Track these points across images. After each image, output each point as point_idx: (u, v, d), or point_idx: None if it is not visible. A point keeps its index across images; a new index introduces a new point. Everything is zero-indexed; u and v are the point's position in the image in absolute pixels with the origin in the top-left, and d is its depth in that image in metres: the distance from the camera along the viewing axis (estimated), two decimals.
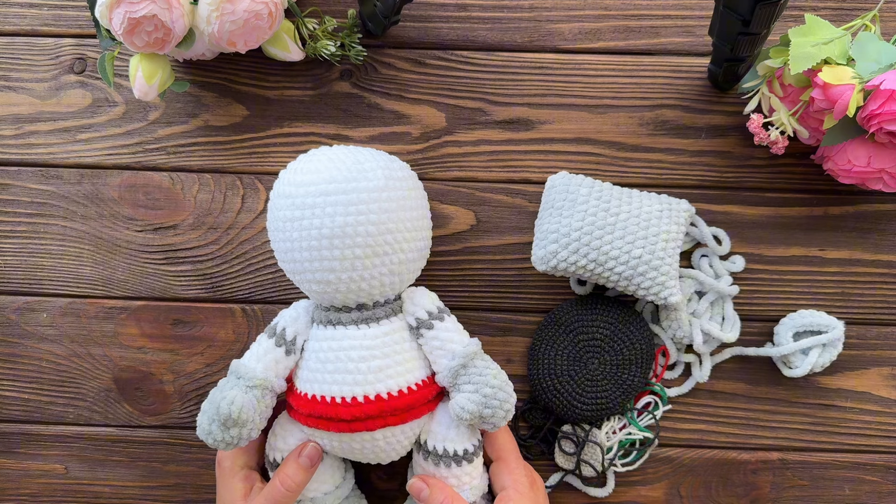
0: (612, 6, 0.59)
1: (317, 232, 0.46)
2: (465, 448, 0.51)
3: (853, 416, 0.59)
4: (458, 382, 0.50)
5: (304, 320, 0.52)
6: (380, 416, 0.48)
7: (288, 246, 0.48)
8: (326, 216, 0.46)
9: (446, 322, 0.51)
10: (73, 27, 0.60)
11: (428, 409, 0.51)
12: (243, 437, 0.48)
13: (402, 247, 0.49)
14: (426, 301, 0.52)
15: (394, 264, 0.49)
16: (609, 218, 0.53)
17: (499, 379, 0.50)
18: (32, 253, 0.60)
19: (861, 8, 0.58)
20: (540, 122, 0.59)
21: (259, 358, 0.50)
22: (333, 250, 0.47)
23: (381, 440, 0.49)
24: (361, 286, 0.48)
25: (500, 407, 0.49)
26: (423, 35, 0.60)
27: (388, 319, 0.50)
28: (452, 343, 0.51)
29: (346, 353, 0.49)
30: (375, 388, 0.48)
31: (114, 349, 0.60)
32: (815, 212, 0.59)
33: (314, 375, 0.49)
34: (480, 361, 0.50)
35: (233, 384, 0.49)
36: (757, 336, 0.59)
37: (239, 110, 0.60)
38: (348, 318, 0.50)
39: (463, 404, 0.49)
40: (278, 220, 0.49)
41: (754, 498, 0.59)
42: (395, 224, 0.48)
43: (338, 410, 0.48)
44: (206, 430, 0.48)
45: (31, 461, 0.60)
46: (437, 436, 0.51)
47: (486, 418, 0.49)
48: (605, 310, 0.57)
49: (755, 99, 0.54)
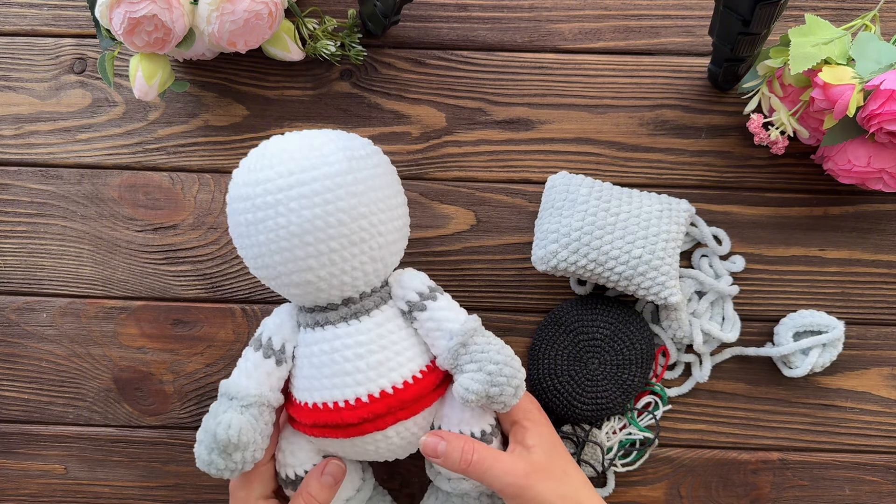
0: (612, 6, 0.59)
1: (284, 231, 0.42)
2: (483, 429, 0.48)
3: (853, 416, 0.59)
4: (459, 363, 0.46)
5: (289, 325, 0.48)
6: (389, 413, 0.45)
7: (256, 251, 0.44)
8: (291, 212, 0.42)
9: (439, 301, 0.48)
10: (73, 27, 0.60)
11: (438, 394, 0.48)
12: (247, 460, 0.45)
13: (378, 230, 0.45)
14: (415, 282, 0.48)
15: (374, 250, 0.45)
16: (609, 218, 0.53)
17: (503, 354, 0.46)
18: (32, 253, 0.60)
19: (861, 8, 0.58)
20: (540, 122, 0.59)
21: (249, 374, 0.47)
22: (307, 247, 0.43)
23: (394, 437, 0.46)
24: (344, 280, 0.44)
25: (508, 384, 0.45)
26: (423, 35, 0.60)
27: (379, 309, 0.47)
28: (448, 322, 0.47)
29: (341, 354, 0.45)
30: (378, 384, 0.45)
31: (113, 349, 0.60)
32: (815, 212, 0.59)
33: (311, 383, 0.46)
34: (481, 338, 0.47)
35: (226, 406, 0.46)
36: (757, 336, 0.59)
37: (239, 110, 0.60)
38: (336, 316, 0.46)
39: (467, 385, 0.45)
40: (240, 226, 0.44)
41: (754, 498, 0.59)
42: (367, 207, 0.44)
43: (343, 415, 0.45)
44: (207, 460, 0.45)
45: (31, 461, 0.60)
46: (451, 420, 0.48)
47: (493, 397, 0.45)
48: (605, 310, 0.57)
49: (755, 99, 0.54)
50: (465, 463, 0.46)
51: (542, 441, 0.48)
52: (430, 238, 0.59)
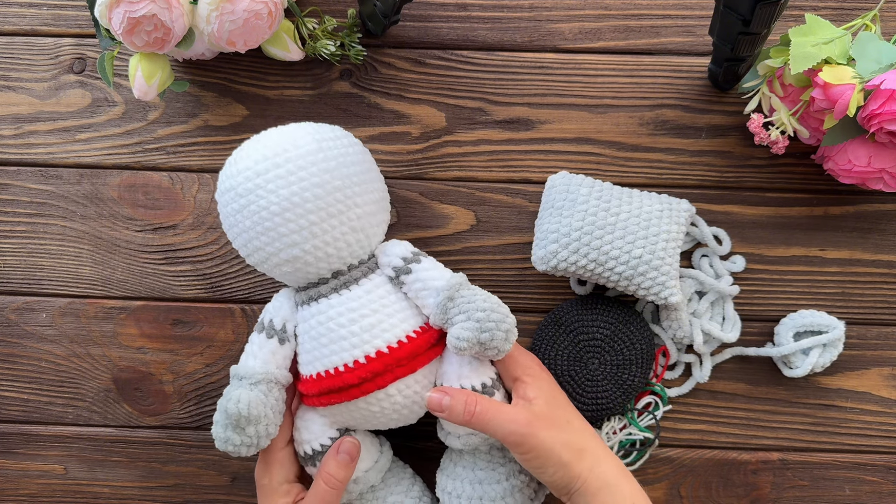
0: (612, 6, 0.59)
1: (266, 212, 0.46)
2: (483, 382, 0.50)
3: (853, 416, 0.59)
4: (449, 316, 0.48)
5: (287, 307, 0.51)
6: (387, 371, 0.47)
7: (245, 237, 0.48)
8: (270, 193, 0.46)
9: (424, 262, 0.50)
10: (72, 27, 0.60)
11: (435, 353, 0.50)
12: (261, 434, 0.48)
13: (355, 202, 0.48)
14: (399, 249, 0.51)
15: (352, 220, 0.48)
16: (609, 218, 0.53)
17: (489, 301, 0.48)
18: (32, 253, 0.60)
19: (861, 8, 0.58)
20: (540, 122, 0.59)
21: (255, 355, 0.50)
22: (288, 224, 0.46)
23: (396, 394, 0.48)
24: (328, 251, 0.48)
25: (497, 328, 0.47)
26: (423, 35, 0.60)
27: (367, 278, 0.50)
28: (434, 281, 0.49)
29: (335, 321, 0.48)
30: (374, 344, 0.48)
31: (113, 349, 0.60)
32: (815, 212, 0.58)
33: (312, 355, 0.49)
34: (467, 291, 0.49)
35: (236, 386, 0.49)
36: (757, 336, 0.59)
37: (239, 110, 0.60)
38: (327, 289, 0.49)
39: (458, 334, 0.47)
40: (229, 217, 0.48)
41: (754, 498, 0.59)
42: (341, 181, 0.47)
43: (344, 378, 0.47)
44: (223, 437, 0.47)
45: (31, 461, 0.60)
46: (451, 376, 0.50)
47: (485, 343, 0.47)
48: (605, 310, 0.57)
49: (755, 99, 0.54)
50: (468, 415, 0.47)
51: (542, 393, 0.49)
52: (430, 238, 0.59)
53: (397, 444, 0.57)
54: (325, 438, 0.51)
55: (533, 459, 0.47)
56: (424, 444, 0.58)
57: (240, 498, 0.60)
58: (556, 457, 0.46)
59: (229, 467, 0.60)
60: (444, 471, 0.54)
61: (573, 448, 0.47)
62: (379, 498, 0.53)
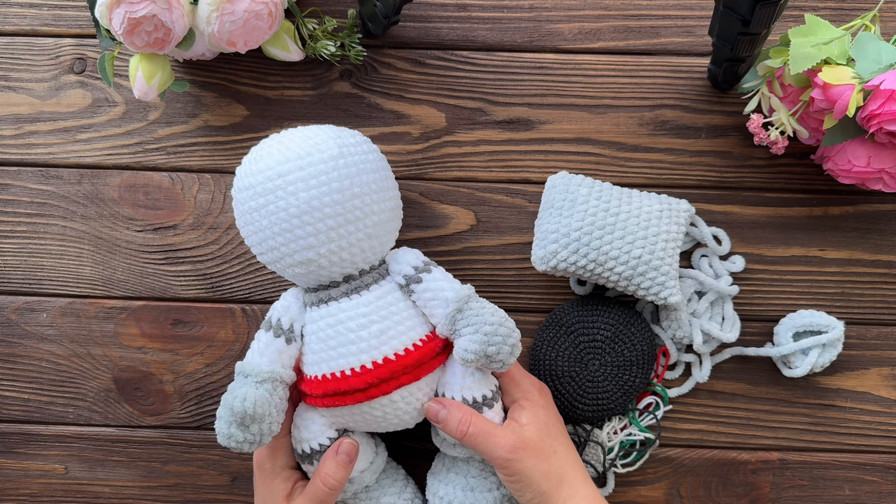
0: (612, 6, 0.59)
1: (284, 213, 0.46)
2: (484, 394, 0.50)
3: (853, 416, 0.59)
4: (456, 328, 0.49)
5: (296, 307, 0.51)
6: (392, 378, 0.48)
7: (261, 236, 0.48)
8: (290, 195, 0.46)
9: (434, 273, 0.51)
10: (73, 27, 0.60)
11: (439, 361, 0.51)
12: (265, 432, 0.48)
13: (372, 209, 0.48)
14: (410, 257, 0.51)
15: (369, 227, 0.48)
16: (609, 218, 0.53)
17: (497, 315, 0.49)
18: (32, 253, 0.60)
19: (861, 8, 0.58)
20: (540, 122, 0.59)
21: (261, 353, 0.50)
22: (306, 227, 0.46)
23: (399, 401, 0.49)
24: (343, 256, 0.48)
25: (504, 342, 0.48)
26: (423, 35, 0.60)
27: (378, 284, 0.50)
28: (444, 291, 0.50)
29: (345, 325, 0.48)
30: (381, 351, 0.48)
31: (114, 349, 0.60)
32: (815, 212, 0.59)
33: (319, 356, 0.49)
34: (475, 303, 0.49)
35: (241, 383, 0.49)
36: (757, 336, 0.59)
37: (239, 110, 0.60)
38: (338, 293, 0.49)
39: (465, 346, 0.48)
40: (245, 214, 0.48)
41: (754, 498, 0.59)
42: (360, 188, 0.47)
43: (350, 382, 0.48)
44: (227, 433, 0.47)
45: (31, 461, 0.60)
46: (453, 386, 0.50)
47: (492, 356, 0.48)
48: (606, 311, 0.57)
49: (755, 99, 0.54)
50: (461, 433, 0.49)
51: (535, 420, 0.51)
52: (430, 238, 0.59)
53: (389, 442, 0.57)
54: (323, 438, 0.51)
55: (514, 483, 0.49)
56: (416, 443, 0.58)
57: (240, 498, 0.60)
58: (536, 485, 0.49)
59: (230, 467, 0.60)
60: (437, 475, 0.54)
61: (553, 479, 0.49)
62: (373, 498, 0.54)
